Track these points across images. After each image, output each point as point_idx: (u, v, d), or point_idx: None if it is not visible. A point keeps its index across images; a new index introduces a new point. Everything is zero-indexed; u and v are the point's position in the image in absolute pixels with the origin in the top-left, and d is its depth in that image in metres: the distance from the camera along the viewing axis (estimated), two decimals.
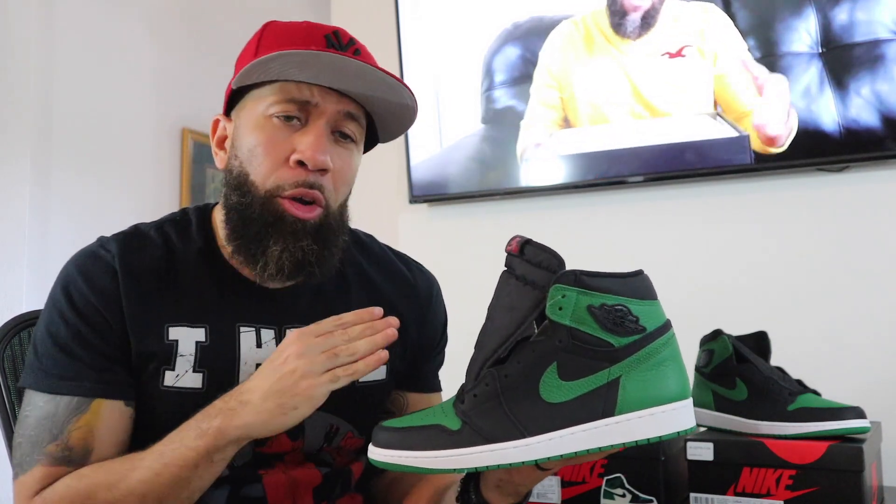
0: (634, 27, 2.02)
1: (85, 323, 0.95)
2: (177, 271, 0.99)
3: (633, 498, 1.16)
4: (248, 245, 0.97)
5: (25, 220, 2.41)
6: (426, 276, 1.18)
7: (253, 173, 0.97)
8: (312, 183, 0.96)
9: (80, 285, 0.96)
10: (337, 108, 0.98)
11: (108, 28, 2.66)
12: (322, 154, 0.95)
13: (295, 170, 0.96)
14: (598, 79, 2.07)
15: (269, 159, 0.96)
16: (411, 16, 2.34)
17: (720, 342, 1.23)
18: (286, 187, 0.96)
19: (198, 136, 2.93)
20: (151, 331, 0.96)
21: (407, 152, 2.32)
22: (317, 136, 0.96)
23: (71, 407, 0.93)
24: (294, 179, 0.96)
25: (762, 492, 1.09)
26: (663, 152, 1.99)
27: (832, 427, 1.09)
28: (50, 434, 0.92)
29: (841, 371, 1.76)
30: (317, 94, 0.97)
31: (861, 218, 1.81)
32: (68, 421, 0.92)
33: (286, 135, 0.97)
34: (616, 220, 2.10)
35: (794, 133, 1.84)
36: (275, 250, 0.95)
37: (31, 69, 2.45)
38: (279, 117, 0.97)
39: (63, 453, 0.92)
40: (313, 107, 0.97)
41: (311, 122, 0.97)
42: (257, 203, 0.96)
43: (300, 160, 0.95)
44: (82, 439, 0.92)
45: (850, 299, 1.80)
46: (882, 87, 1.75)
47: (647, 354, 0.76)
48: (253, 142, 0.98)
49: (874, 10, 1.77)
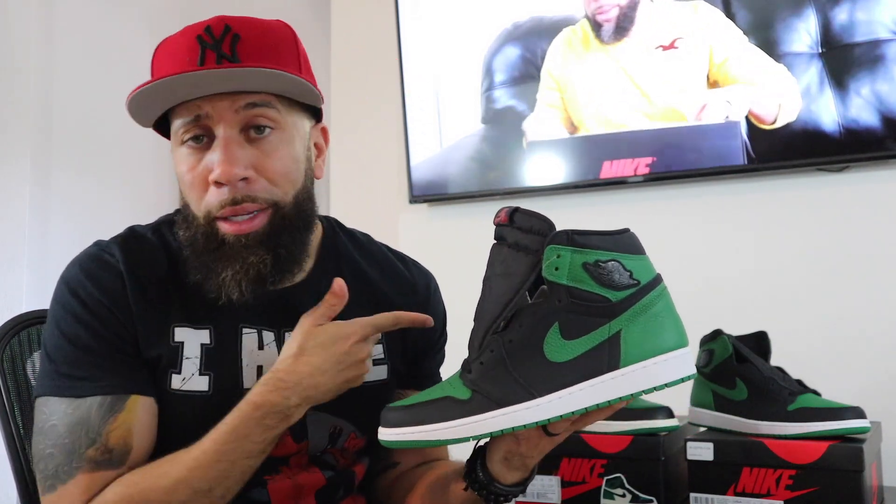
0: (609, 35, 2.05)
1: (101, 322, 0.93)
2: (178, 273, 0.99)
3: (633, 498, 1.16)
4: (206, 280, 0.95)
5: (25, 220, 2.40)
6: (423, 273, 1.17)
7: (191, 203, 0.96)
8: (236, 198, 0.92)
9: (88, 287, 0.94)
10: (232, 107, 0.93)
11: (108, 28, 2.66)
12: (233, 166, 0.91)
13: (218, 190, 0.93)
14: (595, 74, 2.08)
15: (193, 188, 0.95)
16: (411, 16, 2.34)
17: (720, 342, 1.22)
18: (215, 210, 0.93)
19: None
20: (158, 332, 0.95)
21: (407, 152, 2.32)
22: (222, 148, 0.92)
23: (105, 407, 0.90)
24: (219, 200, 0.93)
25: (762, 492, 1.09)
26: (663, 144, 1.99)
27: (832, 427, 1.08)
28: (87, 438, 0.89)
29: (841, 371, 1.76)
30: (205, 106, 0.92)
31: (861, 218, 1.81)
32: (104, 422, 0.90)
33: (199, 157, 0.94)
34: (616, 220, 2.09)
35: (795, 117, 1.83)
36: (226, 276, 0.93)
37: (31, 69, 2.45)
38: (187, 142, 0.94)
39: (104, 457, 0.89)
40: (209, 119, 0.93)
41: (216, 135, 0.93)
42: (200, 234, 0.95)
43: (216, 180, 0.92)
44: (121, 438, 0.90)
45: (851, 299, 1.80)
46: (882, 87, 1.75)
47: (644, 307, 0.78)
48: (180, 173, 0.97)
49: (874, 10, 1.77)
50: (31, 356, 1.13)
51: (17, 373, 1.11)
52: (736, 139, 1.90)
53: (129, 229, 1.03)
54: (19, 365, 1.12)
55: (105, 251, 0.98)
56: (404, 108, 2.33)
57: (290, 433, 0.96)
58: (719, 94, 1.92)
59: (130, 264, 0.96)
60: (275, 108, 0.95)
